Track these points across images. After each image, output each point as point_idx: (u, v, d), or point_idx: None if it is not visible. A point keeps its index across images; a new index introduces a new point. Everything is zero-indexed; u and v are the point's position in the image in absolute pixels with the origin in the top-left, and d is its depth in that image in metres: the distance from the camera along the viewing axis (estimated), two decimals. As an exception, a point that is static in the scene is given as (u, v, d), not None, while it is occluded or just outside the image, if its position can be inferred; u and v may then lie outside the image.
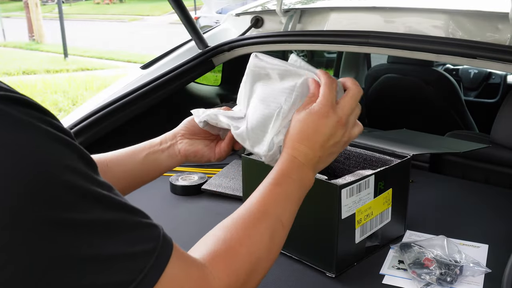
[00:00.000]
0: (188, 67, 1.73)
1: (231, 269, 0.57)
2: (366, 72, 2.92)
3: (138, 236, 0.49)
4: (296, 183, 0.68)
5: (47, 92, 6.59)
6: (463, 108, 2.41)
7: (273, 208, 0.65)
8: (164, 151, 0.85)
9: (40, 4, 12.70)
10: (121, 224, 0.48)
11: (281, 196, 0.66)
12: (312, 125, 0.70)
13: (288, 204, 0.67)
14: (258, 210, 0.64)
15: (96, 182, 0.47)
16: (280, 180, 0.67)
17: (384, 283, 0.91)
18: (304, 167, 0.70)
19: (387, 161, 1.04)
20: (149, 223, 0.52)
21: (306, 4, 1.89)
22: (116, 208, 0.48)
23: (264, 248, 0.62)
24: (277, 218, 0.64)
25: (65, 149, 0.45)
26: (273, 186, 0.66)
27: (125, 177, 0.84)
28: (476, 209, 1.23)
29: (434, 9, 1.53)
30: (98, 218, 0.46)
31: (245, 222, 0.62)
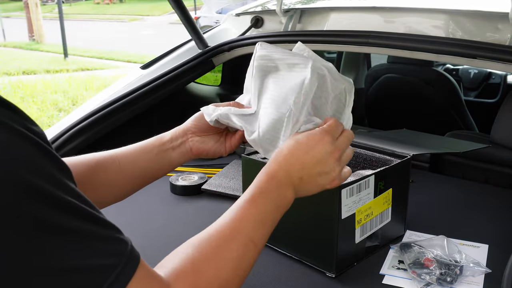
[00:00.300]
0: (188, 67, 1.73)
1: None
2: (366, 72, 2.92)
3: (99, 250, 0.47)
4: (273, 203, 0.66)
5: (47, 92, 6.59)
6: (463, 108, 2.41)
7: (246, 228, 0.62)
8: (175, 149, 0.84)
9: (40, 4, 12.70)
10: (82, 235, 0.46)
11: (255, 216, 0.64)
12: (305, 146, 0.69)
13: (262, 225, 0.64)
14: (230, 229, 0.61)
15: (64, 188, 0.46)
16: (257, 198, 0.65)
17: (384, 283, 0.91)
18: (284, 186, 0.68)
19: (387, 161, 1.04)
20: (115, 237, 0.49)
21: (306, 4, 1.89)
22: (79, 217, 0.46)
23: (233, 269, 0.59)
24: (249, 239, 0.62)
25: (36, 151, 0.45)
26: (248, 205, 0.64)
27: (137, 175, 0.84)
28: (476, 209, 1.23)
29: (434, 9, 1.53)
30: (58, 225, 0.44)
31: (214, 241, 0.59)
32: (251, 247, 0.62)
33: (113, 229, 0.50)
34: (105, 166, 0.81)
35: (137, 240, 1.11)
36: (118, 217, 1.20)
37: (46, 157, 0.45)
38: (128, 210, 1.24)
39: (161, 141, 0.84)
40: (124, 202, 1.16)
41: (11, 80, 7.31)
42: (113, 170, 0.81)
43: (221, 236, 0.60)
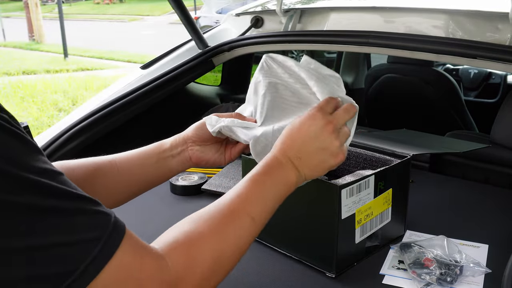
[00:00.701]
0: (188, 67, 1.73)
1: (190, 262, 0.56)
2: (366, 72, 2.92)
3: (80, 224, 0.48)
4: (274, 181, 0.68)
5: (47, 92, 6.59)
6: (463, 108, 2.41)
7: (244, 204, 0.64)
8: (175, 157, 0.84)
9: (40, 4, 12.70)
10: (60, 212, 0.47)
11: (255, 194, 0.65)
12: (297, 125, 0.71)
13: (262, 202, 0.65)
14: (228, 205, 0.63)
15: (37, 170, 0.46)
16: (257, 178, 0.67)
17: (384, 283, 0.91)
18: (284, 167, 0.69)
19: (387, 161, 1.04)
20: (95, 210, 0.50)
21: (306, 4, 1.89)
22: (53, 195, 0.47)
23: (229, 245, 0.60)
24: (246, 214, 0.63)
25: (7, 136, 0.45)
26: (248, 183, 0.66)
27: (136, 181, 0.84)
28: (476, 209, 1.23)
29: (434, 9, 1.53)
30: (35, 205, 0.45)
31: (212, 217, 0.61)
32: (249, 222, 0.63)
33: (91, 202, 0.50)
34: (104, 171, 0.81)
35: (137, 240, 1.11)
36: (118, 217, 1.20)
37: (15, 141, 0.46)
38: (128, 210, 1.23)
39: (161, 148, 0.84)
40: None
41: (11, 80, 7.31)
42: (112, 176, 0.82)
43: (219, 213, 0.61)
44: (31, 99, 6.22)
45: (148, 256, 0.53)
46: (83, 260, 0.47)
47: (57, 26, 9.94)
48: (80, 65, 8.96)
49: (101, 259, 0.48)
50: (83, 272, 0.46)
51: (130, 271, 0.51)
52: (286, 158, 0.69)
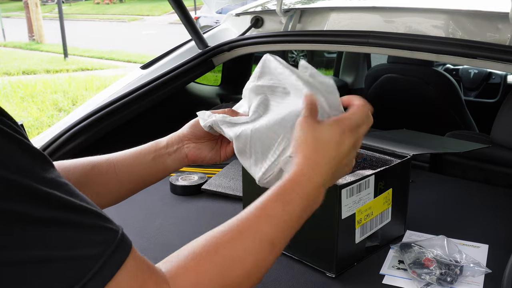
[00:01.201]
0: (188, 67, 1.73)
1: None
2: (366, 72, 2.92)
3: (82, 239, 0.45)
4: (301, 201, 0.61)
5: (47, 92, 6.59)
6: (463, 108, 2.41)
7: (265, 227, 0.57)
8: (170, 155, 0.84)
9: (40, 4, 12.70)
10: (63, 225, 0.44)
11: (279, 214, 0.59)
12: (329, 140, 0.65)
13: (285, 226, 0.59)
14: (246, 226, 0.57)
15: (42, 180, 0.45)
16: (284, 195, 0.60)
17: (384, 283, 0.91)
18: (316, 186, 0.63)
19: (387, 161, 1.04)
20: (101, 225, 0.48)
21: (306, 4, 1.89)
22: (58, 207, 0.45)
23: (243, 270, 0.55)
24: (267, 239, 0.57)
25: (6, 143, 0.44)
26: (272, 202, 0.59)
27: (133, 179, 0.84)
28: (476, 209, 1.23)
29: (434, 9, 1.53)
30: (36, 215, 0.43)
31: (225, 238, 0.55)
32: (268, 248, 0.57)
33: (99, 217, 0.48)
34: (101, 170, 0.81)
35: (137, 240, 1.11)
36: (118, 217, 1.20)
37: (19, 149, 0.45)
38: (128, 210, 1.24)
39: (157, 146, 0.84)
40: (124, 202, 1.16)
41: (11, 80, 7.31)
42: (109, 174, 0.81)
43: (234, 233, 0.56)
44: (31, 99, 6.22)
45: (150, 280, 0.49)
46: (80, 278, 0.44)
47: (57, 26, 9.94)
48: (80, 65, 8.97)
49: (99, 278, 0.45)
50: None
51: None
52: (319, 174, 0.63)
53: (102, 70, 8.62)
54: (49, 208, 0.44)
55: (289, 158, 0.67)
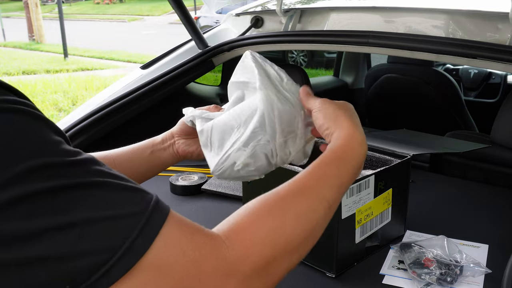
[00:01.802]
0: (188, 67, 1.73)
1: (253, 243, 0.49)
2: (366, 72, 2.92)
3: (122, 198, 0.45)
4: (349, 164, 0.63)
5: (47, 92, 6.59)
6: (463, 108, 2.41)
7: (319, 187, 0.58)
8: (166, 150, 0.88)
9: (40, 4, 12.69)
10: (102, 187, 0.45)
11: (330, 177, 0.60)
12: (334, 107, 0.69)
13: (335, 187, 0.60)
14: (302, 184, 0.57)
15: (73, 152, 0.46)
16: (332, 159, 0.62)
17: (384, 283, 0.91)
18: (357, 147, 0.65)
19: (387, 161, 1.04)
20: (136, 187, 0.48)
21: (306, 4, 1.89)
22: (95, 173, 0.46)
23: (301, 228, 0.54)
24: (322, 197, 0.57)
25: (44, 124, 0.46)
26: (323, 164, 0.61)
27: (132, 173, 0.85)
28: (476, 209, 1.23)
29: (434, 9, 1.53)
30: (77, 182, 0.44)
31: (281, 195, 0.55)
32: (325, 206, 0.57)
33: (130, 181, 0.48)
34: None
35: (137, 240, 1.11)
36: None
37: (43, 123, 0.47)
38: (128, 210, 1.24)
39: (154, 142, 0.88)
40: (124, 202, 1.15)
41: (11, 80, 7.31)
42: None
43: (290, 191, 0.56)
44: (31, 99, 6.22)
45: (199, 233, 0.48)
46: (127, 235, 0.43)
47: (57, 26, 9.94)
48: (80, 65, 8.97)
49: (147, 234, 0.44)
50: (128, 249, 0.43)
51: (180, 247, 0.46)
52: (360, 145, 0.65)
53: (102, 70, 8.62)
54: (85, 173, 0.45)
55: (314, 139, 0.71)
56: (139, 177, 0.87)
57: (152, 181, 1.37)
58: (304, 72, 2.05)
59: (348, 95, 2.94)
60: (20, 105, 0.46)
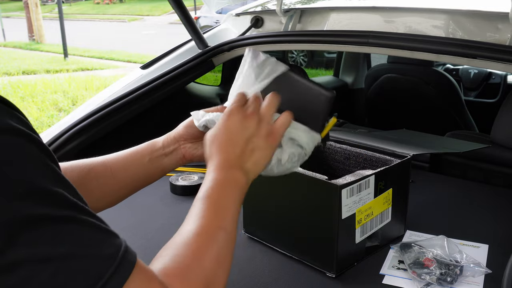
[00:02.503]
0: (188, 67, 1.73)
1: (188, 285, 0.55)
2: (366, 72, 2.92)
3: (97, 239, 0.47)
4: (227, 189, 0.66)
5: (47, 92, 6.59)
6: (463, 108, 2.41)
7: (213, 221, 0.62)
8: (167, 155, 0.84)
9: (40, 4, 12.70)
10: (77, 222, 0.46)
11: (214, 207, 0.64)
12: (221, 128, 0.70)
13: (225, 211, 0.64)
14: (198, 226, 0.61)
15: (53, 178, 0.46)
16: (209, 192, 0.65)
17: (384, 283, 0.91)
18: (228, 170, 0.68)
19: (387, 161, 1.04)
20: (111, 230, 0.50)
21: (306, 4, 1.89)
22: (71, 207, 0.47)
23: (215, 261, 0.59)
24: (219, 229, 0.62)
25: (25, 142, 0.45)
26: (207, 200, 0.64)
27: (129, 181, 0.84)
28: (476, 209, 1.23)
29: (434, 9, 1.53)
30: (48, 214, 0.44)
31: (190, 240, 0.59)
32: (224, 235, 0.61)
33: (104, 222, 0.49)
34: (98, 173, 0.81)
35: (137, 240, 1.11)
36: (118, 217, 1.20)
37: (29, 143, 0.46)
38: (128, 210, 1.24)
39: (153, 147, 0.84)
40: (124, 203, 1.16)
41: (11, 80, 7.31)
42: (105, 178, 0.82)
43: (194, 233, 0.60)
44: (31, 99, 6.22)
45: (154, 281, 0.52)
46: (100, 276, 0.45)
47: (57, 26, 9.95)
48: (80, 65, 8.97)
49: (117, 280, 0.47)
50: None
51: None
52: (229, 162, 0.68)
53: (102, 70, 8.62)
54: (62, 207, 0.45)
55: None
56: (139, 185, 0.86)
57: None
58: (304, 72, 2.06)
59: (348, 95, 2.94)
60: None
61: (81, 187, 0.78)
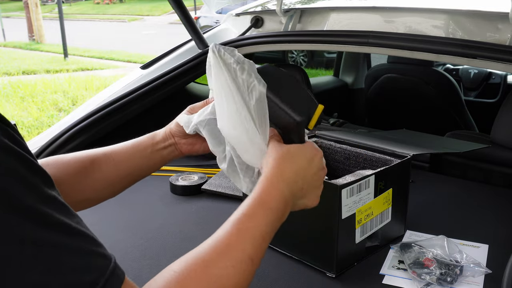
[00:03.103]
0: (188, 67, 1.73)
1: None
2: (366, 72, 2.92)
3: (79, 264, 0.44)
4: (273, 214, 0.61)
5: (47, 92, 6.59)
6: (463, 108, 2.41)
7: (242, 244, 0.57)
8: (166, 148, 0.87)
9: (40, 4, 12.69)
10: (56, 246, 0.43)
11: (253, 231, 0.58)
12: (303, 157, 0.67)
13: (261, 240, 0.59)
14: (225, 244, 0.56)
15: (41, 198, 0.44)
16: (255, 211, 0.60)
17: (384, 283, 0.91)
18: (283, 200, 0.63)
19: (387, 161, 1.04)
20: (97, 251, 0.47)
21: (306, 4, 1.89)
22: (55, 227, 0.44)
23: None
24: (246, 255, 0.56)
25: (18, 164, 0.43)
26: (245, 218, 0.59)
27: (131, 172, 0.86)
28: (476, 209, 1.23)
29: (434, 9, 1.53)
30: (27, 234, 0.42)
31: (206, 258, 0.54)
32: (248, 264, 0.56)
33: (93, 242, 0.47)
34: (100, 164, 0.83)
35: (137, 240, 1.11)
36: (118, 217, 1.20)
37: (14, 158, 0.44)
38: (128, 210, 1.24)
39: (154, 140, 0.87)
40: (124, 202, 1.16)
41: (11, 80, 7.31)
42: (107, 169, 0.83)
43: (214, 252, 0.55)
44: (31, 99, 6.22)
45: None
46: None
47: (57, 26, 9.94)
48: (80, 65, 8.97)
49: None
50: None
51: None
52: (288, 188, 0.64)
53: (102, 70, 8.62)
54: (43, 227, 0.43)
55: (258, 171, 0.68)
56: (140, 175, 0.88)
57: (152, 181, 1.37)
58: (304, 72, 2.06)
59: (348, 95, 2.94)
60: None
61: (83, 179, 0.81)
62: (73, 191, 0.79)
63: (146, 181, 1.14)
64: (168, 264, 0.55)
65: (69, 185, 0.79)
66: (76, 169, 0.81)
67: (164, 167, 1.10)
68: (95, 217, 1.01)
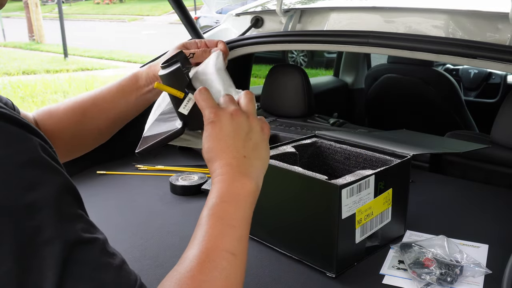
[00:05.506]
0: (188, 67, 1.73)
1: None
2: (366, 72, 2.93)
3: (109, 278, 0.46)
4: (233, 204, 0.61)
5: (47, 92, 6.59)
6: (463, 108, 2.41)
7: (218, 244, 0.56)
8: (151, 91, 0.92)
9: (40, 4, 12.70)
10: (88, 263, 0.45)
11: (221, 226, 0.58)
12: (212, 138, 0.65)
13: (232, 231, 0.58)
14: (202, 252, 0.55)
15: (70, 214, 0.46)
16: (216, 209, 0.60)
17: (384, 283, 0.91)
18: (233, 180, 0.62)
19: (387, 161, 1.04)
20: (124, 267, 0.49)
21: (306, 4, 1.89)
22: (85, 244, 0.46)
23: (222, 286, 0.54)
24: (226, 253, 0.56)
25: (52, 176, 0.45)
26: (211, 219, 0.58)
27: (118, 117, 0.94)
28: (476, 209, 1.23)
29: (434, 9, 1.53)
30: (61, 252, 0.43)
31: (193, 269, 0.54)
32: (231, 259, 0.56)
33: (120, 259, 0.49)
34: (92, 114, 0.91)
35: (137, 240, 1.11)
36: (119, 217, 1.20)
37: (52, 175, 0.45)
38: (128, 210, 1.24)
39: (138, 84, 0.92)
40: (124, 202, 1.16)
41: (11, 80, 7.31)
42: (98, 117, 0.91)
43: (198, 263, 0.54)
44: (31, 99, 6.22)
45: None
46: None
47: (57, 26, 9.95)
48: (80, 65, 8.97)
49: None
50: None
51: None
52: (228, 171, 0.63)
53: (102, 70, 8.62)
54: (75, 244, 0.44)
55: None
56: (126, 119, 0.95)
57: (152, 181, 1.38)
58: (304, 72, 2.06)
59: (348, 95, 2.94)
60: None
61: (79, 131, 0.89)
62: (67, 144, 0.88)
63: (146, 181, 1.15)
64: (168, 264, 0.55)
65: (63, 139, 0.87)
66: (70, 124, 0.89)
67: (164, 167, 1.11)
68: (95, 217, 1.01)
